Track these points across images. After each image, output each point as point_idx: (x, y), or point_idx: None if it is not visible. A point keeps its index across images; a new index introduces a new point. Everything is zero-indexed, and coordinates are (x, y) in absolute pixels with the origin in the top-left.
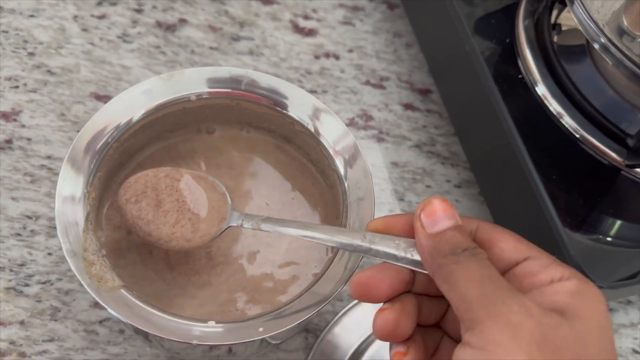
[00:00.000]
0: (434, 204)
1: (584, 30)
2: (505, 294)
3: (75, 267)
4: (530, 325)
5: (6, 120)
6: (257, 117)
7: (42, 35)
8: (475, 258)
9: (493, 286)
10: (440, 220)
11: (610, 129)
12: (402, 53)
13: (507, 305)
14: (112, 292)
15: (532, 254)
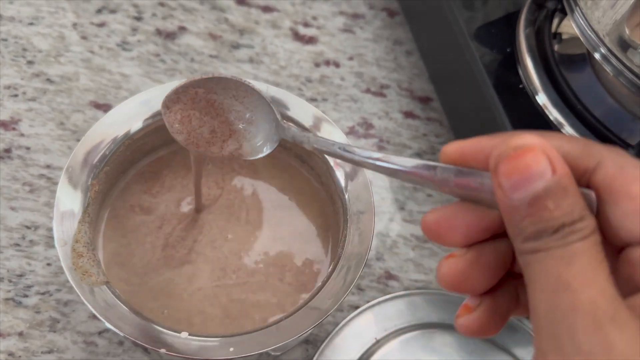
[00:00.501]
0: (507, 157)
1: (584, 40)
2: (576, 322)
3: (63, 255)
4: None
5: (5, 129)
6: None
7: (41, 44)
8: (561, 247)
9: (562, 302)
10: (523, 183)
11: (611, 139)
12: (402, 61)
13: (578, 342)
14: (95, 286)
15: None
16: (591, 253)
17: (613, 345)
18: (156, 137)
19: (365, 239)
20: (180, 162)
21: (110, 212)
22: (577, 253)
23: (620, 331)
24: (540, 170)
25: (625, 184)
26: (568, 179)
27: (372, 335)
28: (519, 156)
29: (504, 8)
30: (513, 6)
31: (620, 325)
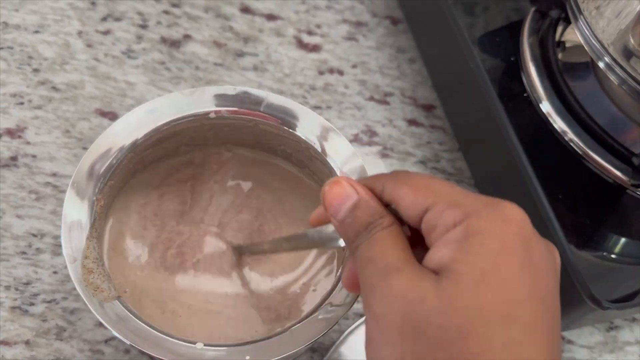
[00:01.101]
0: (326, 193)
1: (588, 49)
2: (375, 281)
3: (73, 272)
4: (392, 311)
5: (11, 137)
6: (262, 135)
7: (46, 51)
8: (368, 238)
9: (369, 272)
10: (340, 206)
11: (615, 148)
12: (405, 68)
13: (373, 294)
14: (107, 302)
15: (429, 202)
16: (390, 237)
17: (395, 285)
18: (160, 147)
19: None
20: (181, 173)
21: (114, 222)
22: (379, 239)
23: (401, 275)
24: (347, 194)
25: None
26: (368, 195)
27: None
28: (332, 187)
29: (507, 16)
30: (517, 14)
31: (403, 273)
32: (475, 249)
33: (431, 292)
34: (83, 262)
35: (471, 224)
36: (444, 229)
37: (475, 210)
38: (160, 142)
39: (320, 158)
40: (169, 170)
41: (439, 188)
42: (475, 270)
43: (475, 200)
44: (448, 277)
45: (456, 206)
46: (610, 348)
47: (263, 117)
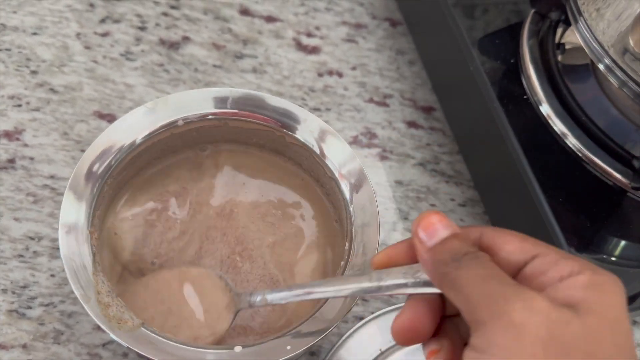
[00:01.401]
0: (429, 217)
1: (588, 51)
2: (509, 291)
3: (93, 312)
4: (535, 323)
5: (9, 139)
6: (261, 137)
7: (45, 53)
8: (478, 260)
9: (496, 284)
10: (438, 231)
11: (616, 150)
12: (405, 70)
13: (510, 303)
14: (134, 331)
15: (539, 251)
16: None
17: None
18: (152, 152)
19: (370, 250)
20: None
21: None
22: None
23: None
24: (444, 225)
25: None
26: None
27: (376, 346)
28: (428, 217)
29: (507, 18)
30: (516, 17)
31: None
32: (607, 295)
33: (575, 319)
34: (98, 299)
35: (593, 275)
36: (557, 275)
37: (588, 266)
38: (158, 145)
39: (320, 160)
40: (167, 174)
41: (544, 244)
42: (611, 313)
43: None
44: (587, 312)
45: (571, 259)
46: None
47: (264, 119)
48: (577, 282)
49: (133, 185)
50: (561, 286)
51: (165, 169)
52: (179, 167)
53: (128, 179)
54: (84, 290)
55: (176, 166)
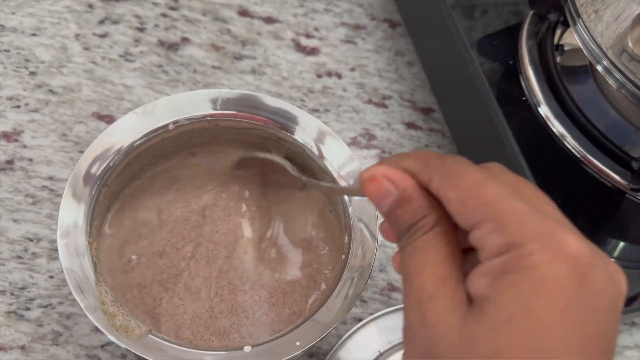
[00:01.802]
0: (365, 187)
1: (587, 53)
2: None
3: (99, 322)
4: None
5: (7, 140)
6: (259, 138)
7: (43, 54)
8: (409, 244)
9: (406, 289)
10: (381, 201)
11: (614, 152)
12: (403, 72)
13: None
14: (142, 339)
15: (477, 217)
16: (430, 244)
17: (425, 317)
18: (157, 152)
19: (369, 251)
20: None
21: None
22: (418, 247)
23: (433, 305)
24: (386, 190)
25: (445, 192)
26: (411, 190)
27: (375, 347)
28: (369, 184)
29: (506, 20)
30: (515, 18)
31: (434, 300)
32: (506, 289)
33: (455, 328)
34: (103, 309)
35: (511, 259)
36: (487, 254)
37: (523, 239)
38: (157, 145)
39: (318, 161)
40: (167, 175)
41: (494, 197)
42: (501, 314)
43: (531, 223)
44: (475, 315)
45: (504, 230)
46: None
47: (263, 120)
48: (491, 267)
49: (127, 192)
50: (478, 271)
51: (162, 172)
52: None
53: (124, 184)
54: (89, 301)
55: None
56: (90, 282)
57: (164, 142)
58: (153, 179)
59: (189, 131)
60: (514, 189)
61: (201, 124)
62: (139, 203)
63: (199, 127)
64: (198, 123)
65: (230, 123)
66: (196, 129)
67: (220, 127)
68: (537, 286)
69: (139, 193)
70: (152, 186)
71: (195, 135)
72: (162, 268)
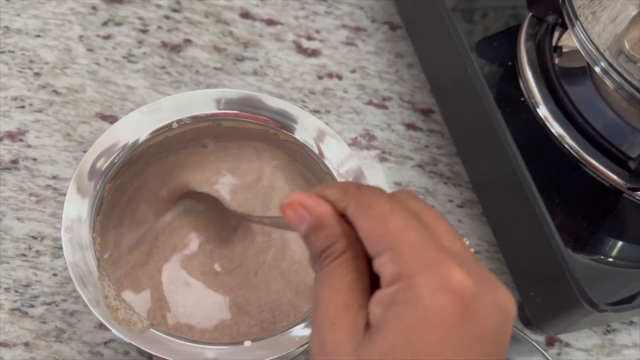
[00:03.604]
0: (287, 207)
1: (585, 54)
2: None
3: (102, 315)
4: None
5: (12, 140)
6: (260, 135)
7: (48, 56)
8: (320, 270)
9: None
10: (298, 226)
11: (612, 152)
12: (404, 73)
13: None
14: (144, 333)
15: (379, 247)
16: (337, 270)
17: (325, 345)
18: (160, 149)
19: None
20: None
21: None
22: (327, 273)
23: (334, 333)
24: (301, 217)
25: (357, 219)
26: (324, 216)
27: None
28: (285, 211)
29: (504, 22)
30: (514, 20)
31: (335, 329)
32: (392, 321)
33: (349, 354)
34: (106, 303)
35: (400, 290)
36: (383, 281)
37: (412, 271)
38: (160, 143)
39: (318, 160)
40: (166, 174)
41: (395, 227)
42: (386, 344)
43: (422, 255)
44: (366, 343)
45: (397, 260)
46: (607, 351)
47: (264, 120)
48: (384, 296)
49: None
50: (374, 299)
51: (161, 169)
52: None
53: (128, 183)
54: (92, 295)
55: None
56: (93, 276)
57: (167, 140)
58: (156, 174)
59: (192, 130)
60: (418, 216)
61: (204, 124)
62: (143, 199)
63: (202, 127)
64: (201, 122)
65: (232, 123)
66: (199, 128)
67: (223, 127)
68: (420, 318)
69: (145, 188)
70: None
71: (198, 133)
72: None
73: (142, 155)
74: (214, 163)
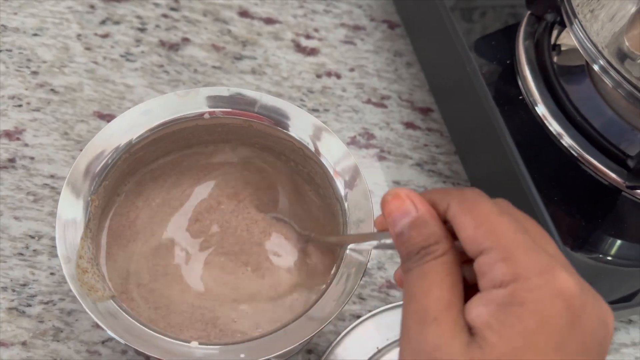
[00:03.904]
0: (386, 203)
1: (583, 52)
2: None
3: (68, 272)
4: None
5: (9, 139)
6: (257, 136)
7: (45, 54)
8: (418, 266)
9: (410, 310)
10: (397, 220)
11: (611, 150)
12: (402, 72)
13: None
14: (101, 301)
15: (485, 245)
16: (439, 269)
17: (427, 339)
18: (155, 148)
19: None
20: (174, 172)
21: (110, 223)
22: (427, 270)
23: (436, 328)
24: (406, 210)
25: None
26: (428, 215)
27: (373, 344)
28: (392, 201)
29: (503, 20)
30: (512, 18)
31: (438, 323)
32: (513, 322)
33: (458, 354)
34: (77, 262)
35: (517, 291)
36: (490, 282)
37: (527, 273)
38: (155, 142)
39: (315, 158)
40: (165, 171)
41: (503, 230)
42: (507, 346)
43: (534, 259)
44: (479, 344)
45: (510, 261)
46: None
47: (257, 117)
48: (495, 297)
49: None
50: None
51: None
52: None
53: (138, 164)
54: (67, 251)
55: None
56: (77, 233)
57: (164, 137)
58: (155, 173)
59: (222, 124)
60: (522, 224)
61: (196, 121)
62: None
63: (194, 125)
64: (192, 121)
65: (226, 120)
66: (190, 126)
67: (216, 125)
68: (541, 321)
69: (144, 183)
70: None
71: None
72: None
73: (138, 153)
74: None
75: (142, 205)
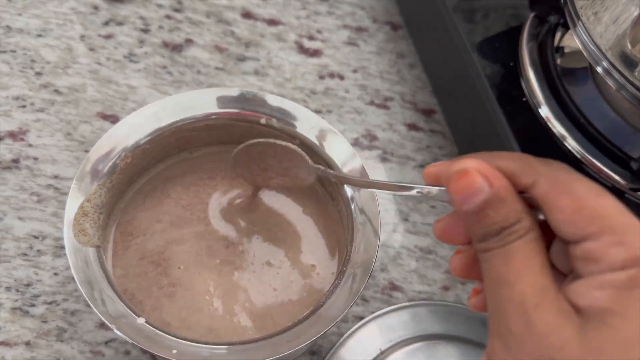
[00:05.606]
0: (452, 181)
1: (587, 54)
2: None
3: (69, 211)
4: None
5: (13, 139)
6: (264, 136)
7: (49, 55)
8: (501, 247)
9: (503, 296)
10: (468, 198)
11: (614, 152)
12: (405, 73)
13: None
14: (85, 246)
15: (593, 229)
16: (526, 250)
17: (533, 325)
18: (162, 148)
19: (371, 248)
20: (183, 172)
21: (118, 224)
22: (513, 252)
23: (540, 314)
24: (478, 187)
25: (555, 198)
26: (505, 190)
27: (376, 346)
28: (459, 179)
29: (506, 22)
30: (516, 20)
31: (541, 309)
32: (636, 303)
33: (574, 340)
34: (83, 204)
35: (638, 273)
36: (606, 266)
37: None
38: (162, 143)
39: (322, 162)
40: (173, 171)
41: (610, 213)
42: (633, 329)
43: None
44: (598, 328)
45: (627, 245)
46: None
47: (267, 118)
48: (614, 280)
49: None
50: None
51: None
52: None
53: (151, 162)
54: (79, 192)
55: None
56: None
57: (167, 139)
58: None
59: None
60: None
61: (205, 122)
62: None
63: (201, 125)
64: (201, 121)
65: (233, 121)
66: (199, 127)
67: (225, 125)
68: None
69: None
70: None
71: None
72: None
73: (145, 154)
74: None
75: (149, 205)
